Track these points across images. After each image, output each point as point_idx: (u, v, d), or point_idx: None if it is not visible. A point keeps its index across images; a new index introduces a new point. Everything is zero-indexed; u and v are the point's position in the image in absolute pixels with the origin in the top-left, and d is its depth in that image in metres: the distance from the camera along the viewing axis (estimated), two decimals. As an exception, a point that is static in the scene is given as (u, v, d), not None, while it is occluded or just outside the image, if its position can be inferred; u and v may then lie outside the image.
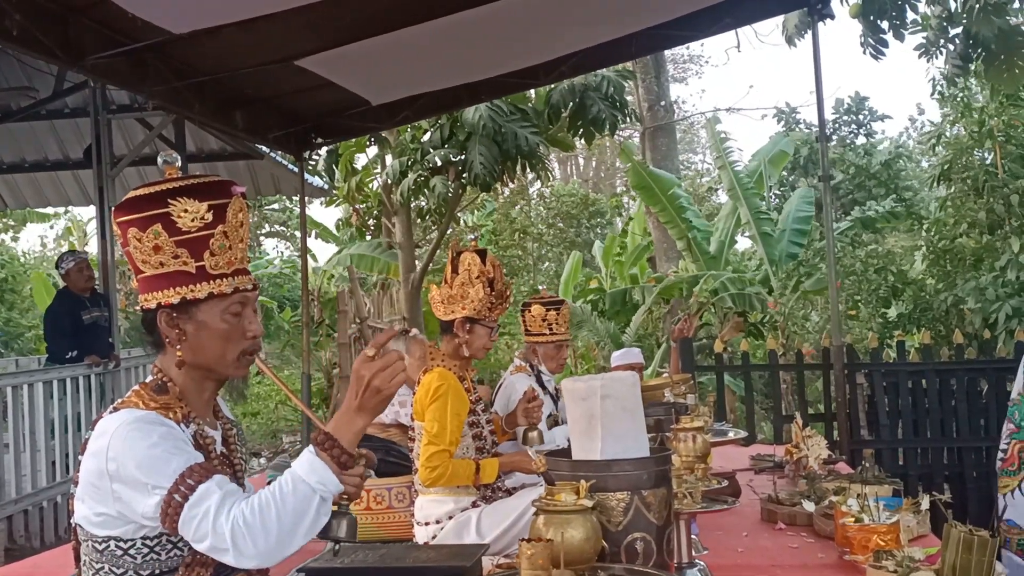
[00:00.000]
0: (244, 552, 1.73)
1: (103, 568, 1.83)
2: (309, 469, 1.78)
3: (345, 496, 1.95)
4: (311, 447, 1.81)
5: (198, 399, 1.95)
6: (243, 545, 1.73)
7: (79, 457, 1.87)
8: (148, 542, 1.81)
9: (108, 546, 1.81)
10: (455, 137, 9.74)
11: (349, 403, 1.83)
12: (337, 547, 1.94)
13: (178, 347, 1.88)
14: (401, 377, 1.83)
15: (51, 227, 19.82)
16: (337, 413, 1.86)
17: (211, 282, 1.87)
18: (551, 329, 4.60)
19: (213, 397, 2.00)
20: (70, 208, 17.51)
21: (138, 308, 1.92)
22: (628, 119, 10.79)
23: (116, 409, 1.86)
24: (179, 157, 1.95)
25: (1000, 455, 3.99)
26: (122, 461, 1.77)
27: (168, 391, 1.90)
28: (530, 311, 4.60)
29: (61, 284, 8.03)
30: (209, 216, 1.85)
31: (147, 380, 1.94)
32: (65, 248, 18.27)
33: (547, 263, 18.70)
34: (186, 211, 1.84)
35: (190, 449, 1.83)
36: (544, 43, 6.26)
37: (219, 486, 1.77)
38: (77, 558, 1.90)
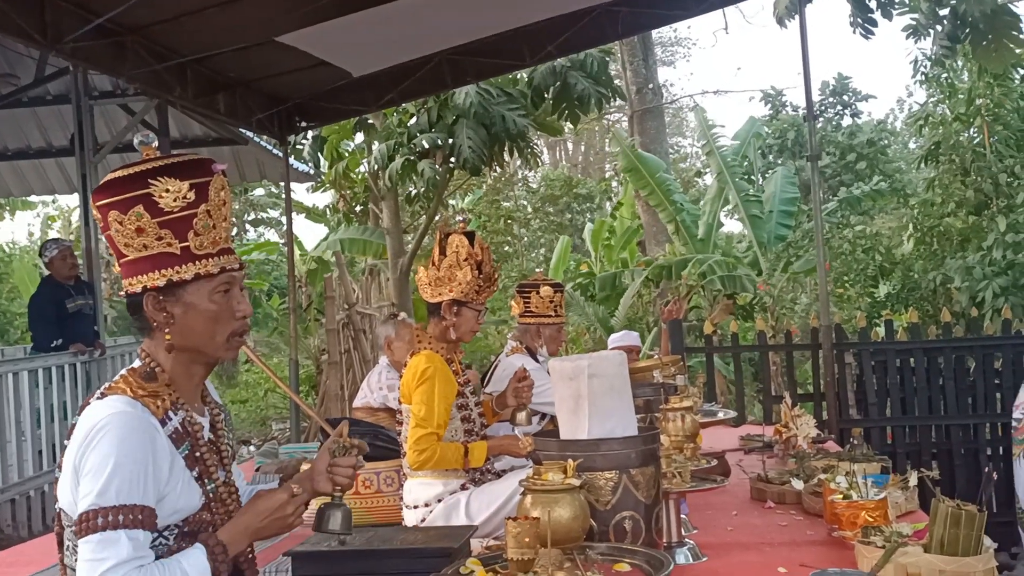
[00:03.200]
0: None
1: None
2: (203, 570, 1.81)
3: (338, 488, 1.95)
4: (205, 551, 1.83)
5: (187, 384, 1.91)
6: None
7: (65, 443, 1.84)
8: None
9: None
10: (443, 120, 9.68)
11: (254, 526, 1.89)
12: (343, 539, 1.96)
13: (166, 330, 1.85)
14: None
15: (37, 215, 19.59)
16: (237, 529, 1.89)
17: (197, 262, 1.84)
18: (556, 311, 4.63)
19: (202, 381, 1.97)
20: (56, 196, 17.38)
21: (122, 293, 1.88)
22: (614, 97, 10.72)
23: (104, 395, 1.83)
24: (155, 137, 1.90)
25: (1014, 423, 4.00)
26: (89, 450, 1.75)
27: (157, 378, 1.86)
28: (538, 292, 4.61)
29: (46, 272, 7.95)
30: (191, 195, 1.82)
31: (135, 365, 1.90)
32: (52, 235, 18.10)
33: (539, 248, 18.67)
34: (168, 191, 1.81)
35: (149, 482, 1.77)
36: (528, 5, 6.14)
37: (134, 547, 1.72)
38: (61, 544, 1.87)
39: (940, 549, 2.44)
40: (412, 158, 10.01)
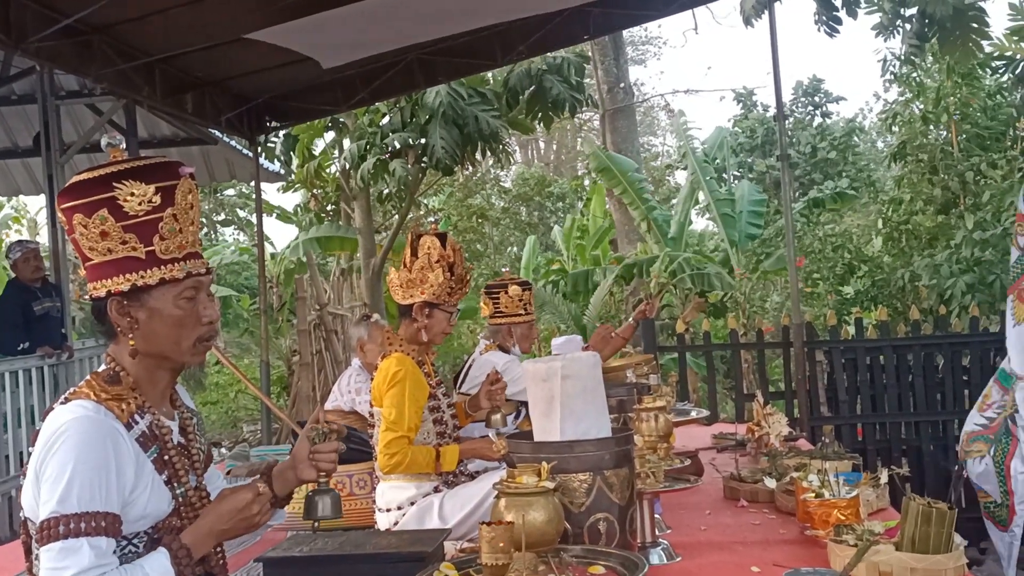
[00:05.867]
0: None
1: None
2: (165, 574, 1.78)
3: (323, 474, 1.93)
4: (168, 554, 1.79)
5: (153, 389, 1.89)
6: None
7: (31, 449, 1.81)
8: None
9: None
10: (415, 120, 9.65)
11: (219, 527, 1.85)
12: (317, 524, 1.94)
13: (130, 336, 1.82)
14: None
15: None
16: (201, 531, 1.85)
17: (162, 267, 1.82)
18: (526, 309, 4.64)
19: (170, 386, 1.95)
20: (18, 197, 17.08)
21: (87, 297, 1.85)
22: (588, 102, 10.77)
23: (67, 400, 1.80)
24: (123, 139, 1.87)
25: (984, 421, 4.01)
26: (49, 456, 1.72)
27: (121, 381, 1.83)
28: (507, 292, 4.62)
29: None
30: (157, 199, 1.80)
31: (100, 369, 1.87)
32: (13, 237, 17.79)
33: (510, 247, 18.66)
34: (132, 194, 1.78)
35: (112, 488, 1.74)
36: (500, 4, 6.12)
37: (97, 555, 1.70)
38: (28, 551, 1.84)
39: (912, 547, 2.46)
40: (384, 158, 9.97)
